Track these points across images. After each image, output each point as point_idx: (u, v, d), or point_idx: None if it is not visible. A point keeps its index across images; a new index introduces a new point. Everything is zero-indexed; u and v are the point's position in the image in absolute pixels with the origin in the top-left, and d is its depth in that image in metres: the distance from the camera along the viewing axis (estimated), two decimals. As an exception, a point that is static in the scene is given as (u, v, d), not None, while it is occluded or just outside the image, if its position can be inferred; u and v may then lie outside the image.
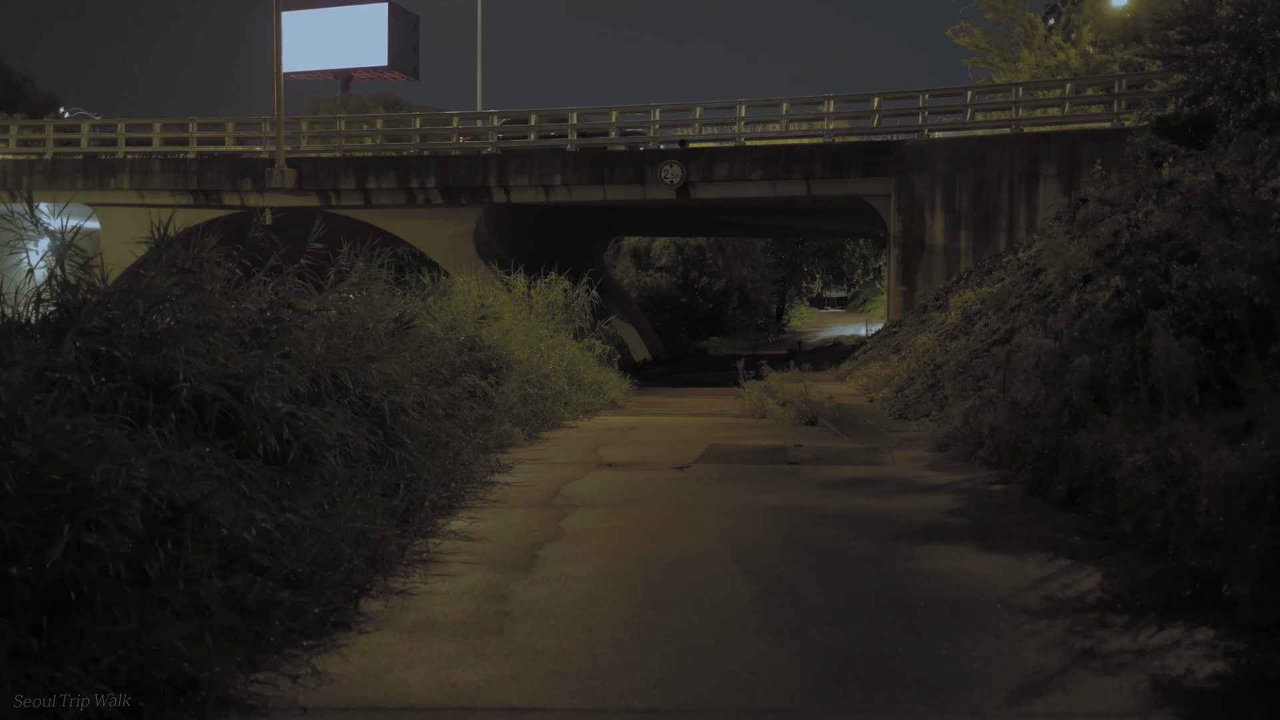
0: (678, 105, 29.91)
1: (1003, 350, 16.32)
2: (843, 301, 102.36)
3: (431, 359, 12.37)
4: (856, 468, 11.05)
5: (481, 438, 12.02)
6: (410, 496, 8.25)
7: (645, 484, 10.05)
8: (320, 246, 10.33)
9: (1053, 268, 16.40)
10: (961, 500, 9.07)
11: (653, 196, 28.89)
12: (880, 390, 19.09)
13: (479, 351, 14.41)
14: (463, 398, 12.49)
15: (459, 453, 10.48)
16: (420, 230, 30.51)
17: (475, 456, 10.69)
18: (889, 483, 10.03)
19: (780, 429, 15.33)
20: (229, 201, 31.04)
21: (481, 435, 12.08)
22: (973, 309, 21.07)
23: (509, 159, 29.93)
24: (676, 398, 23.88)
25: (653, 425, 15.96)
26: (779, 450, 12.36)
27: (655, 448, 12.76)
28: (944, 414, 14.01)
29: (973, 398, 12.33)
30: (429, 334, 13.24)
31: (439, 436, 9.82)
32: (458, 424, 11.66)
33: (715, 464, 11.30)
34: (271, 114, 32.43)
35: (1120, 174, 21.80)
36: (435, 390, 10.83)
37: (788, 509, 8.73)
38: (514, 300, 20.64)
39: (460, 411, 12.01)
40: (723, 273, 49.07)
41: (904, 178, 26.35)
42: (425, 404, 10.01)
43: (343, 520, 6.70)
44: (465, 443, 10.84)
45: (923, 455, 11.77)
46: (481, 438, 12.02)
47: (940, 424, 13.54)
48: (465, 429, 11.82)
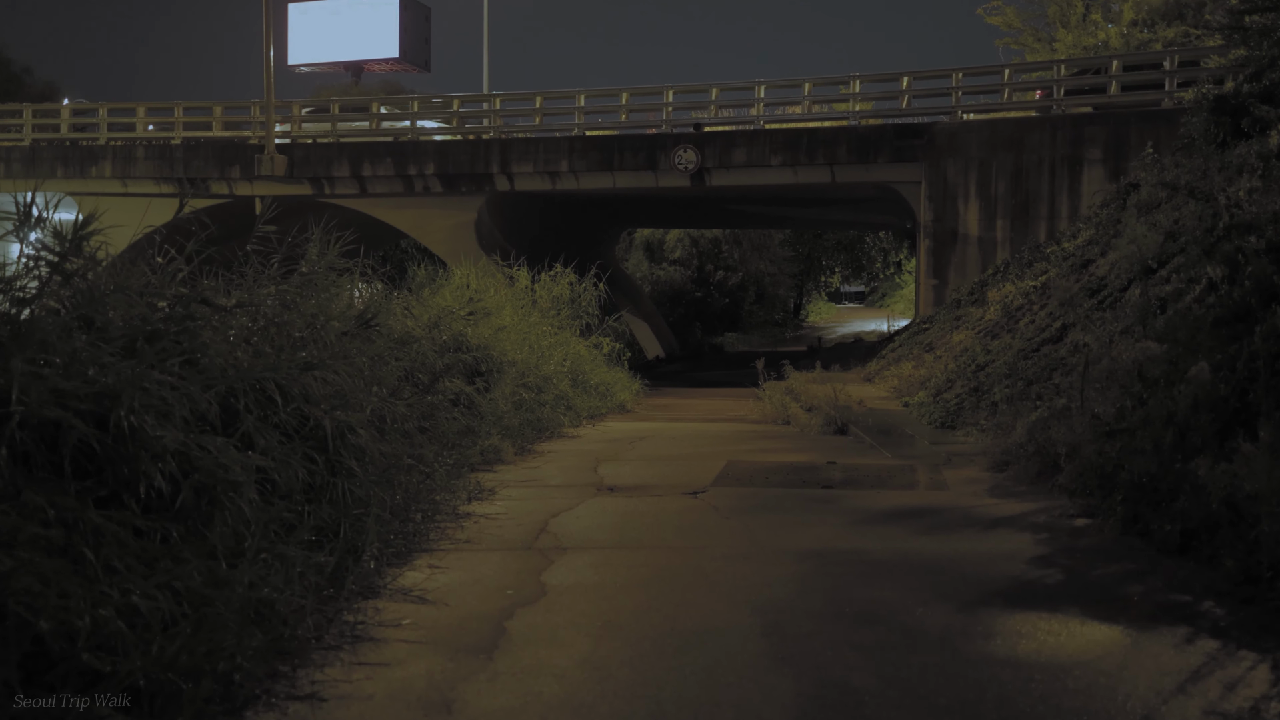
0: (692, 86, 28.10)
1: (1055, 349, 14.57)
2: (860, 296, 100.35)
3: (406, 362, 10.71)
4: (904, 493, 9.28)
5: (463, 454, 10.32)
6: (351, 543, 6.54)
7: (652, 516, 8.31)
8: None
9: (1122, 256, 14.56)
10: (1043, 541, 7.31)
11: (665, 184, 27.12)
12: (915, 393, 17.31)
13: (466, 353, 12.70)
14: (443, 407, 10.81)
15: (429, 477, 8.79)
16: (419, 220, 28.79)
17: (450, 480, 8.97)
18: (947, 514, 8.27)
19: (806, 439, 13.59)
20: (217, 190, 29.37)
21: (462, 452, 10.38)
22: (1014, 304, 19.29)
23: (512, 145, 28.19)
24: (691, 399, 22.15)
25: (664, 434, 14.23)
26: (809, 469, 10.60)
27: (665, 465, 11.02)
28: (995, 423, 12.23)
29: (1039, 408, 10.55)
30: (405, 333, 11.54)
31: (402, 459, 8.10)
32: (434, 439, 10.00)
33: (735, 487, 9.55)
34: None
35: (1175, 156, 20.06)
36: (406, 400, 9.14)
37: (828, 555, 6.97)
38: (516, 295, 19.00)
39: (439, 424, 10.34)
40: (739, 266, 47.25)
41: (935, 163, 24.52)
42: (389, 418, 8.33)
43: (242, 587, 5.00)
44: (439, 464, 9.14)
45: (979, 476, 10.01)
46: (463, 454, 10.32)
47: (992, 436, 11.78)
48: (445, 444, 10.15)
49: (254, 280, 8.20)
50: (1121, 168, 22.35)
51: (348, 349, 8.67)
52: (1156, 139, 21.18)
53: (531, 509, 8.57)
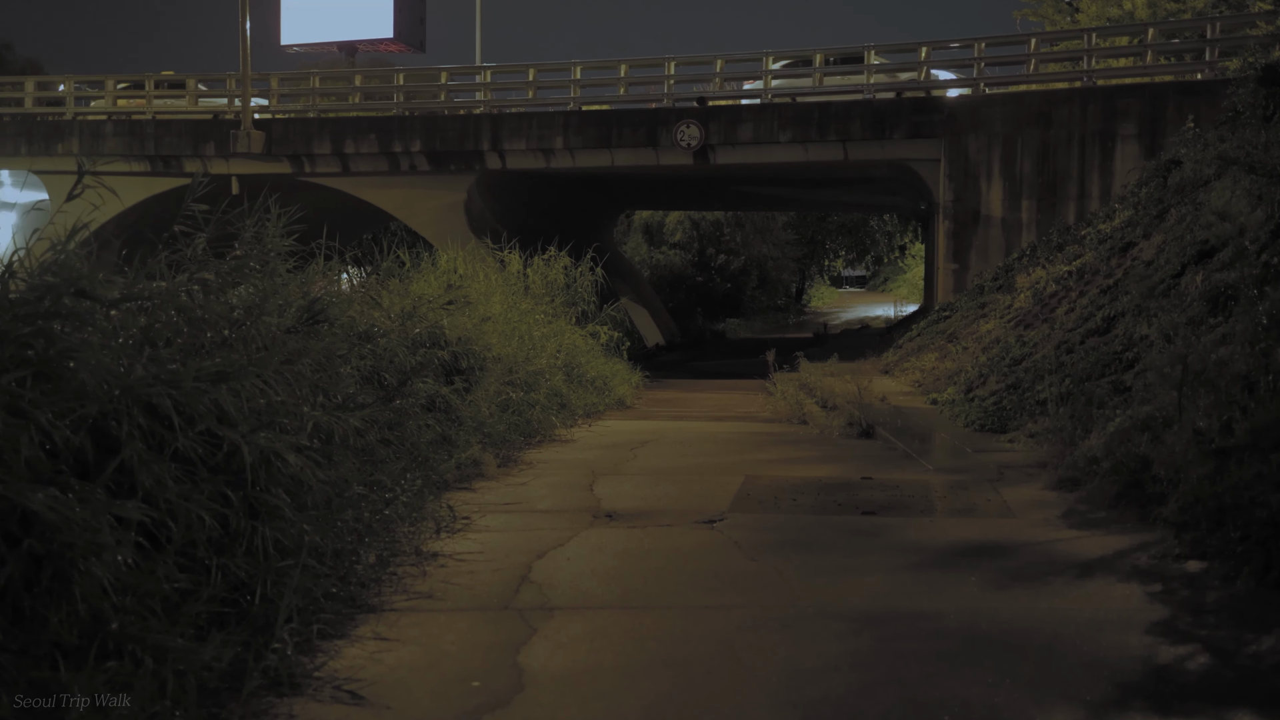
0: (695, 58, 26.44)
1: (1104, 343, 13.00)
2: (862, 280, 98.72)
3: (370, 362, 9.18)
4: (961, 521, 7.72)
5: (434, 472, 8.77)
6: (268, 613, 5.00)
7: (660, 556, 6.74)
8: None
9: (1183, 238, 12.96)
10: (1159, 598, 5.76)
11: (667, 162, 25.48)
12: (943, 389, 15.75)
13: (443, 348, 11.12)
14: (413, 414, 9.24)
15: (389, 505, 7.24)
16: (405, 201, 27.16)
17: (414, 509, 7.40)
18: (1024, 554, 6.71)
19: (829, 444, 12.05)
20: (190, 169, 27.58)
21: (434, 468, 8.82)
22: (1046, 290, 17.70)
23: (504, 120, 26.53)
24: (695, 392, 20.62)
25: (669, 437, 12.68)
26: (842, 486, 9.04)
27: (672, 480, 9.46)
28: (1048, 429, 10.67)
29: (1116, 416, 8.97)
30: (370, 327, 9.96)
31: (351, 487, 6.54)
32: (402, 454, 8.46)
33: (758, 513, 7.99)
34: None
35: (1219, 130, 18.49)
36: (364, 410, 7.59)
37: (888, 619, 5.42)
38: (507, 280, 17.45)
39: (407, 435, 8.79)
40: (741, 250, 45.59)
41: (955, 139, 22.90)
42: (337, 436, 6.78)
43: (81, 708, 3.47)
44: (402, 487, 7.58)
45: (1045, 497, 8.45)
46: (434, 472, 8.77)
47: (1048, 444, 10.23)
48: (414, 459, 8.61)
49: (168, 268, 6.62)
50: (1158, 144, 20.77)
51: (291, 350, 7.13)
52: (1197, 113, 19.63)
53: (512, 545, 7.01)
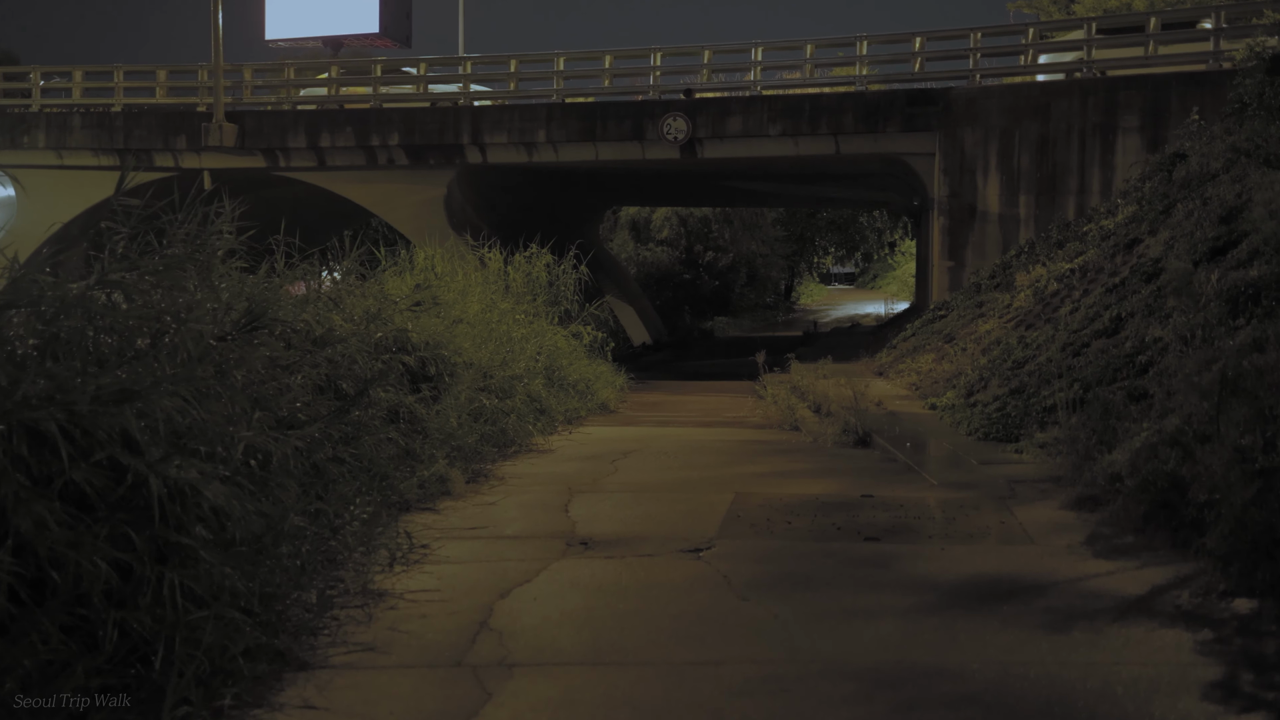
0: (683, 49, 25.63)
1: (1113, 345, 12.26)
2: (850, 277, 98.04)
3: (324, 370, 8.40)
4: (974, 548, 6.95)
5: (392, 492, 7.98)
6: (169, 678, 4.22)
7: (639, 596, 5.95)
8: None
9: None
10: (1211, 648, 5.01)
11: (653, 156, 24.67)
12: (941, 393, 14.99)
13: (408, 353, 10.31)
14: (372, 427, 8.46)
15: (336, 534, 6.47)
16: (383, 196, 26.30)
17: (364, 539, 6.62)
18: (1051, 592, 5.94)
19: (823, 454, 11.28)
20: (161, 163, 26.81)
21: (393, 487, 8.04)
22: (1048, 289, 16.97)
23: (484, 113, 25.70)
24: (682, 395, 19.84)
25: (653, 446, 11.89)
26: (840, 505, 8.26)
27: (656, 499, 8.67)
28: (1059, 439, 9.91)
29: (1144, 430, 8.20)
30: (330, 331, 9.17)
31: (288, 519, 5.75)
32: (358, 473, 7.68)
33: (750, 539, 7.21)
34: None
35: (1226, 123, 17.78)
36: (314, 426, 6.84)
37: (904, 679, 4.64)
38: (487, 279, 16.70)
39: (364, 450, 8.00)
40: (730, 247, 44.77)
41: (951, 132, 22.14)
42: (275, 458, 6.01)
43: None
44: (352, 513, 6.79)
45: (1064, 519, 7.70)
46: (392, 492, 7.98)
47: (1060, 457, 9.49)
48: (373, 478, 7.83)
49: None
50: (1161, 137, 20.06)
51: (224, 360, 6.36)
52: (1201, 104, 18.92)
53: (473, 581, 6.22)
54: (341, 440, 7.82)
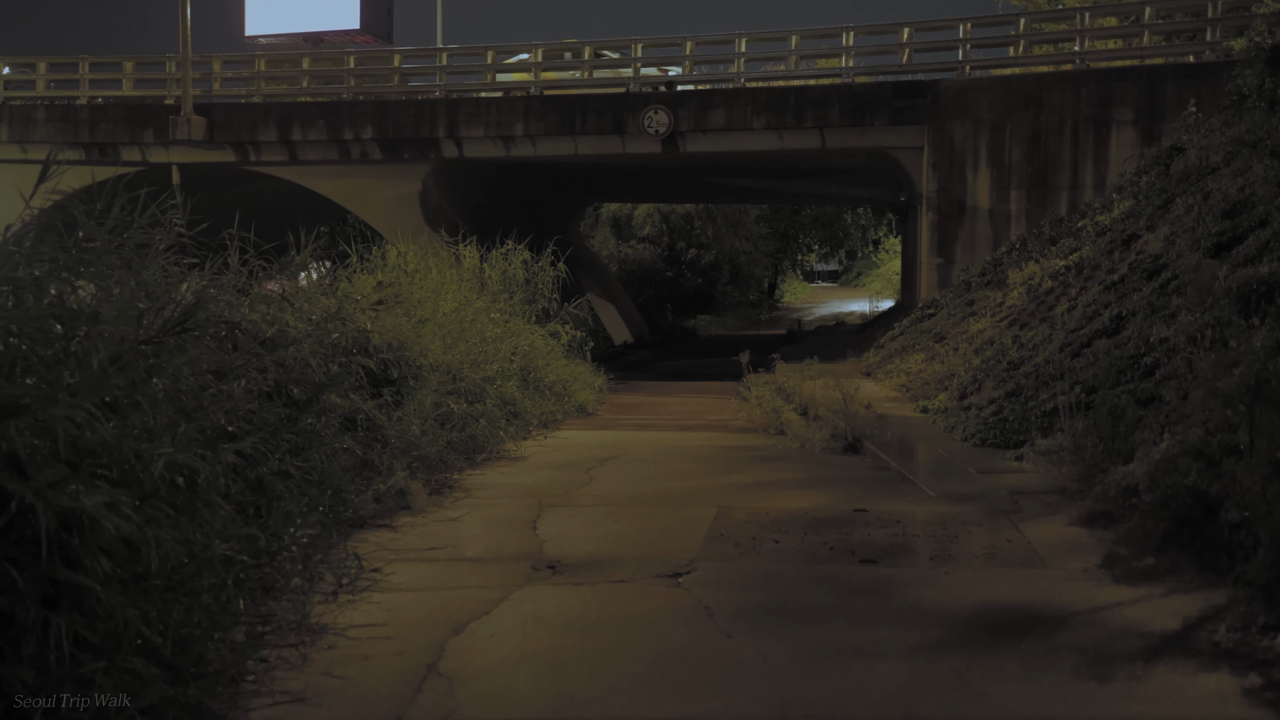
0: (664, 40, 24.95)
1: (1115, 345, 11.65)
2: (834, 275, 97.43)
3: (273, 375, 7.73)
4: (982, 572, 6.31)
5: (344, 509, 7.32)
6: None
7: (610, 633, 5.29)
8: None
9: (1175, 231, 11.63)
10: (1260, 695, 4.41)
11: (634, 150, 23.99)
12: (933, 396, 14.38)
13: (369, 356, 9.62)
14: (324, 437, 7.79)
15: (274, 559, 5.81)
16: (356, 191, 25.55)
17: (305, 564, 5.95)
18: (1071, 626, 5.30)
19: (811, 461, 10.65)
20: (128, 157, 26.01)
21: (346, 503, 7.37)
22: (1042, 287, 16.38)
23: (461, 105, 24.96)
24: (664, 396, 19.20)
25: (632, 452, 11.25)
26: (832, 522, 7.61)
27: (632, 514, 8.01)
28: (1063, 446, 9.30)
29: (1165, 440, 7.57)
30: (281, 332, 8.48)
31: (208, 549, 5.08)
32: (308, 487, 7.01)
33: (734, 561, 6.56)
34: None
35: (1224, 115, 17.23)
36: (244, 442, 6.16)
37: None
38: (462, 277, 16.07)
39: (314, 462, 7.33)
40: (713, 244, 44.10)
41: (940, 126, 21.53)
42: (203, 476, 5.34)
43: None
44: (294, 535, 6.12)
45: (1076, 537, 7.08)
46: (344, 509, 7.32)
47: (1065, 465, 8.88)
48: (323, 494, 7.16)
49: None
50: (1156, 130, 19.51)
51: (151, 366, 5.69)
52: (1198, 96, 18.36)
53: (426, 613, 5.56)
54: (290, 451, 7.17)
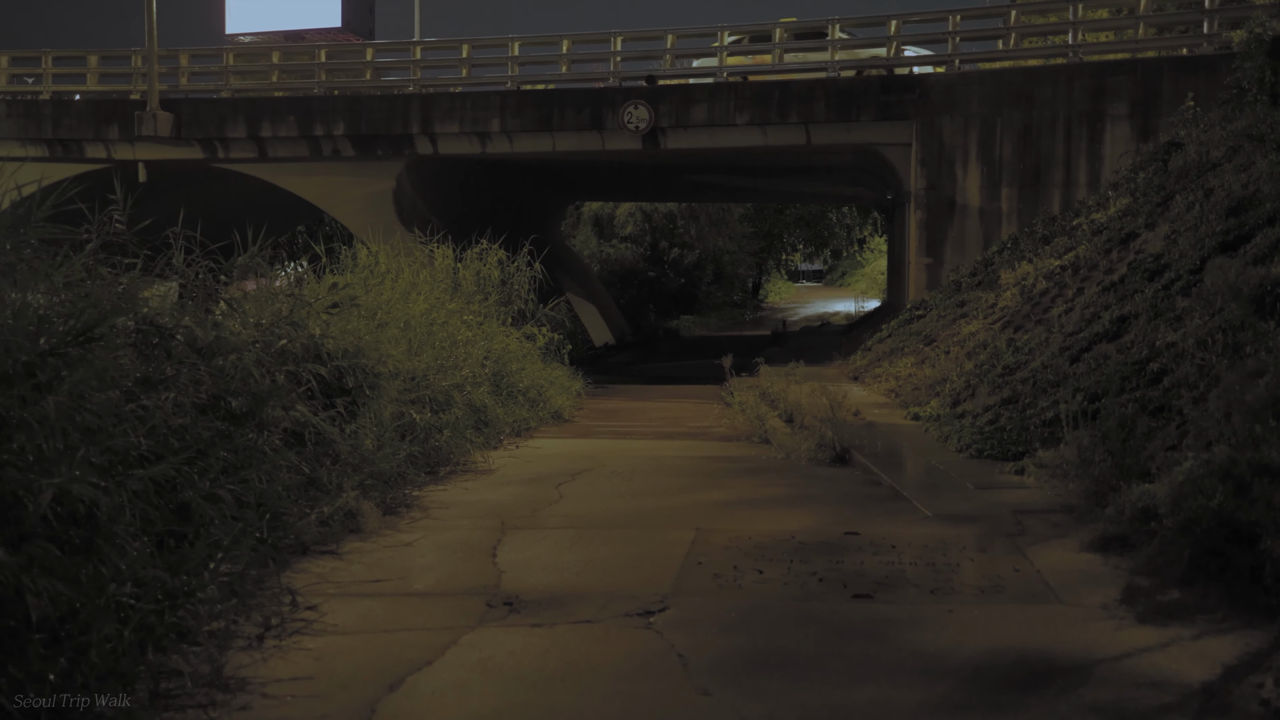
0: (644, 33, 24.26)
1: (1119, 350, 11.01)
2: (818, 275, 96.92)
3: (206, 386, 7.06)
4: (989, 610, 5.64)
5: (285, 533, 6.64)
6: None
7: (570, 689, 4.60)
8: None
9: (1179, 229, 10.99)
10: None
11: (613, 147, 23.30)
12: (924, 402, 13.74)
13: (322, 363, 8.92)
14: (266, 455, 7.10)
15: (189, 599, 5.13)
16: (328, 190, 24.79)
17: (230, 601, 5.27)
18: (1097, 678, 4.64)
19: (797, 474, 10.01)
20: (93, 154, 25.20)
21: (284, 528, 6.68)
22: (1036, 287, 15.76)
23: (436, 100, 24.22)
24: (643, 400, 18.51)
25: (607, 465, 10.58)
26: (821, 548, 6.94)
27: (603, 538, 7.32)
28: (1068, 459, 8.64)
29: (1189, 459, 6.91)
30: (220, 339, 7.79)
31: (99, 597, 4.39)
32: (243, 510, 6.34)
33: (713, 596, 5.89)
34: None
35: (1224, 109, 16.65)
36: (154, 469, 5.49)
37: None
38: (435, 277, 15.45)
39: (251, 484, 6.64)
40: (696, 243, 43.41)
41: (929, 121, 20.88)
42: (104, 509, 4.68)
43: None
44: (211, 573, 5.43)
45: (1088, 565, 6.43)
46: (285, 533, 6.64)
47: (1068, 479, 8.23)
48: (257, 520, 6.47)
49: None
50: (1152, 125, 18.92)
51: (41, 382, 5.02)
52: (1196, 90, 17.78)
53: (360, 663, 4.86)
54: (224, 471, 6.48)
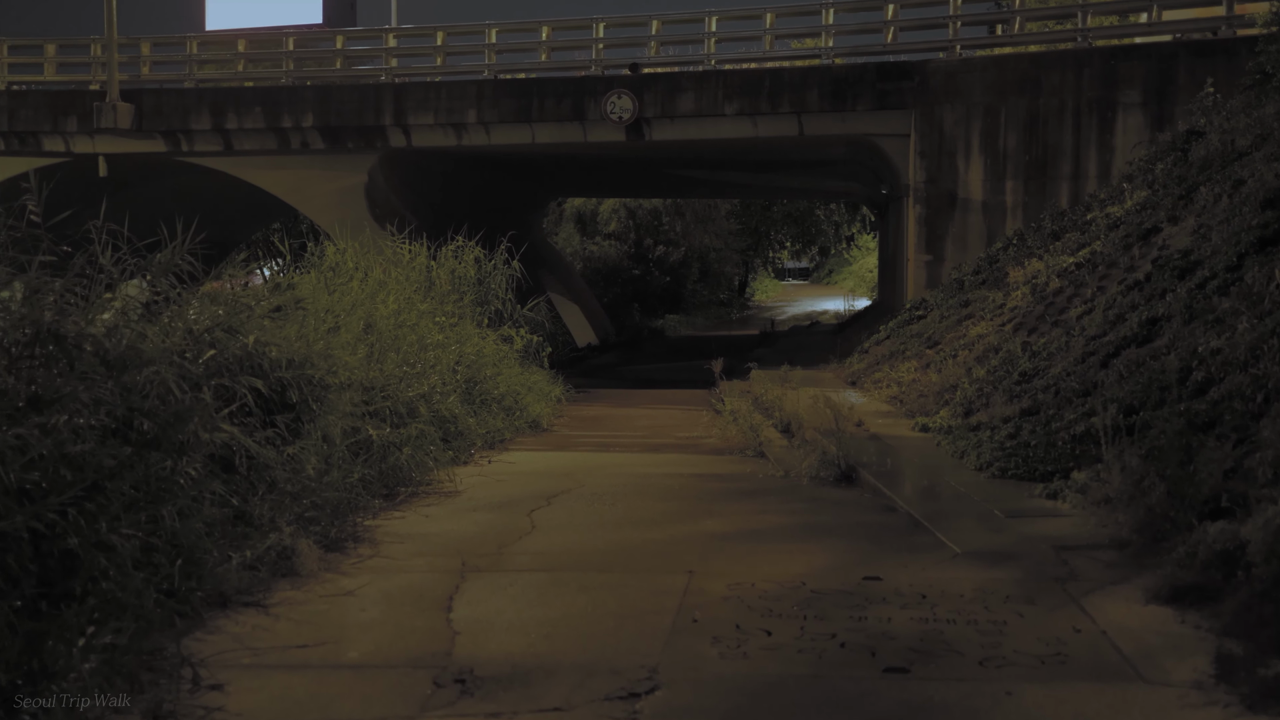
0: (628, 19, 23.12)
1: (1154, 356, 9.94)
2: (805, 273, 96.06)
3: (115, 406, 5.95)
4: (1056, 689, 4.55)
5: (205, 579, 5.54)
6: None
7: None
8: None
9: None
10: None
11: (595, 138, 22.18)
12: (932, 411, 12.66)
13: (260, 375, 7.78)
14: (184, 486, 5.99)
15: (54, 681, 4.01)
16: (297, 184, 23.61)
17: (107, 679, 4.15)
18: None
19: (800, 497, 8.94)
20: (50, 147, 23.99)
21: (200, 574, 5.58)
22: (1049, 286, 14.71)
23: (408, 90, 23.04)
24: (628, 407, 17.44)
25: (587, 485, 9.50)
26: (840, 599, 5.83)
27: (580, 584, 6.20)
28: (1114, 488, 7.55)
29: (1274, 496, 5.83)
30: (134, 351, 6.66)
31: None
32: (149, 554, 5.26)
33: (713, 667, 4.78)
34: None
35: (1245, 95, 15.66)
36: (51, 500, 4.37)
37: None
38: (407, 276, 14.47)
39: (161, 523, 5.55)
40: (681, 240, 42.29)
41: (928, 111, 19.82)
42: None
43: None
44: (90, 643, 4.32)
45: (1160, 623, 5.35)
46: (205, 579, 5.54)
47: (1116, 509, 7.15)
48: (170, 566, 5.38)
49: None
50: (1167, 113, 17.93)
51: None
52: (1214, 76, 16.79)
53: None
54: (129, 508, 5.38)
